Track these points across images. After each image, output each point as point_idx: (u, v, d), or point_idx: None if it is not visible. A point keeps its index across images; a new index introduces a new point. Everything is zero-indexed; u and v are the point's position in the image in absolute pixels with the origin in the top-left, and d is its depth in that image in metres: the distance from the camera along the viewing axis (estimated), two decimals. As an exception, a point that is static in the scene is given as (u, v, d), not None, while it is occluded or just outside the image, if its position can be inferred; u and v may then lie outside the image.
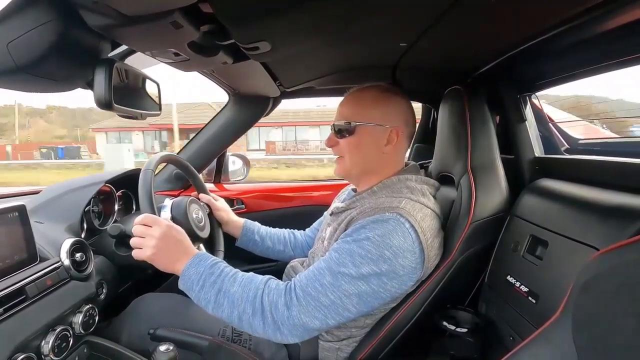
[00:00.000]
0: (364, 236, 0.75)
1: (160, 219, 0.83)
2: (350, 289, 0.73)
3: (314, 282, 0.74)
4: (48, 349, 0.73)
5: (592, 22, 0.67)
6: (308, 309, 0.73)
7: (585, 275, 0.44)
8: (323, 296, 0.73)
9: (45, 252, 0.84)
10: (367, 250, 0.73)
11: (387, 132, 0.88)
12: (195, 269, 0.79)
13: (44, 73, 0.63)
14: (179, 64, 0.81)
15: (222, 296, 0.76)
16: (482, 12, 0.66)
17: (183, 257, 0.81)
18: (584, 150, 1.14)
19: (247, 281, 0.77)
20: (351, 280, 0.73)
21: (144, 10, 0.55)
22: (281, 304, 0.73)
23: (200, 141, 1.52)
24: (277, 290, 0.76)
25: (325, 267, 0.75)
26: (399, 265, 0.75)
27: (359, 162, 0.91)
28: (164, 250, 0.80)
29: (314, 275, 0.76)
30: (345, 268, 0.73)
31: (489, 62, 0.97)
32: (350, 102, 0.92)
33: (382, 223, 0.76)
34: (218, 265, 0.81)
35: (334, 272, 0.74)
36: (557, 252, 0.72)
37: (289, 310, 0.73)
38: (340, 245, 0.77)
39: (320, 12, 0.64)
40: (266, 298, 0.74)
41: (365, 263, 0.73)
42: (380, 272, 0.73)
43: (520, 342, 0.51)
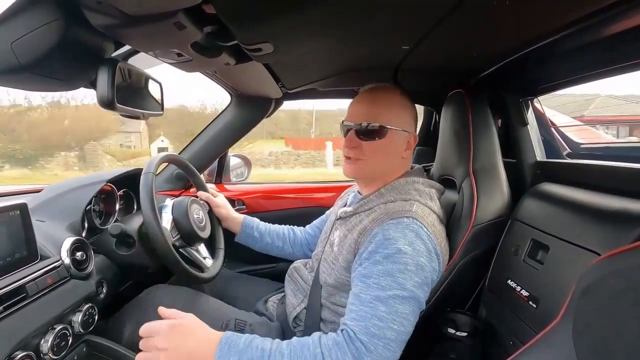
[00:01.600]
0: (395, 249, 0.71)
1: (157, 324, 0.69)
2: (405, 309, 0.69)
3: (372, 320, 0.67)
4: (47, 348, 0.73)
5: (594, 27, 0.67)
6: (378, 351, 0.65)
7: (586, 280, 0.44)
8: (387, 330, 0.66)
9: (45, 251, 0.84)
10: (404, 264, 0.70)
11: (408, 138, 0.88)
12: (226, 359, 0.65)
13: (48, 72, 0.64)
14: (181, 64, 0.81)
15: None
16: (484, 15, 0.66)
17: (207, 350, 0.66)
18: (586, 155, 1.14)
19: (297, 350, 0.66)
20: (403, 300, 0.69)
21: (147, 11, 0.56)
22: (349, 359, 0.64)
23: (202, 142, 1.52)
24: (337, 346, 0.66)
25: (373, 297, 0.69)
26: (432, 270, 0.74)
27: (380, 166, 0.88)
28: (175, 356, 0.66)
29: (366, 312, 0.68)
30: (392, 290, 0.69)
31: (491, 66, 0.97)
32: (377, 102, 0.87)
33: (404, 230, 0.74)
34: (253, 344, 0.67)
35: (384, 300, 0.68)
36: (558, 256, 0.71)
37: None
38: (373, 269, 0.71)
39: (323, 15, 0.65)
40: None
41: (408, 277, 0.70)
42: (421, 281, 0.72)
43: (520, 347, 0.51)
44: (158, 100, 0.92)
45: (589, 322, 0.42)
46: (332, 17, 0.66)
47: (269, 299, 1.09)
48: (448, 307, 0.87)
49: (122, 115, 0.82)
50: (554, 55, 0.86)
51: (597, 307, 0.42)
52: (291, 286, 1.02)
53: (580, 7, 0.61)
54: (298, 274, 1.02)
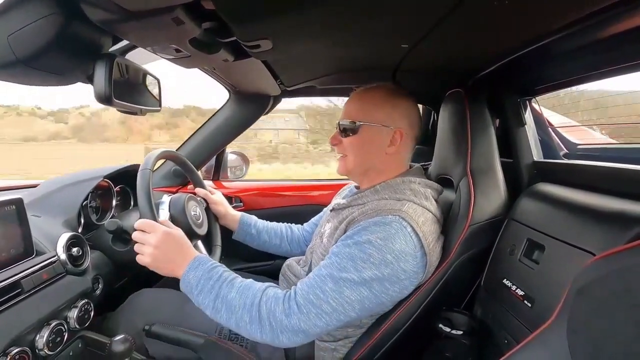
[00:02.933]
0: (365, 239, 0.74)
1: (157, 225, 0.83)
2: (352, 295, 0.72)
3: (315, 289, 0.73)
4: (42, 344, 0.73)
5: (594, 28, 0.67)
6: (309, 316, 0.72)
7: (581, 280, 0.44)
8: (325, 303, 0.72)
9: (41, 246, 0.83)
10: (369, 254, 0.73)
11: (391, 133, 0.88)
12: (193, 273, 0.79)
13: (44, 66, 0.63)
14: (180, 60, 0.80)
15: (220, 302, 0.75)
16: (483, 15, 0.66)
17: (182, 261, 0.80)
18: (583, 156, 1.14)
19: (244, 288, 0.76)
20: (353, 285, 0.72)
21: (145, 6, 0.55)
22: (279, 312, 0.72)
23: (200, 138, 1.52)
24: (275, 298, 0.75)
25: (327, 273, 0.74)
26: (400, 270, 0.74)
27: (361, 162, 0.91)
28: (161, 256, 0.81)
29: (315, 282, 0.74)
30: (347, 273, 0.72)
31: (490, 65, 0.97)
32: (356, 101, 0.92)
33: (384, 226, 0.75)
34: (216, 269, 0.80)
35: (336, 278, 0.73)
36: (553, 256, 0.72)
37: (288, 318, 0.72)
38: (341, 249, 0.76)
39: (323, 13, 0.64)
40: (264, 306, 0.73)
41: (367, 267, 0.72)
42: (382, 276, 0.73)
43: (515, 346, 0.51)
44: (156, 96, 0.92)
45: (583, 322, 0.42)
46: (331, 15, 0.66)
47: None
48: (443, 306, 0.87)
49: (119, 111, 0.82)
50: (552, 55, 0.86)
51: (591, 307, 0.42)
52: (285, 284, 1.02)
53: (580, 8, 0.61)
54: (291, 272, 1.02)
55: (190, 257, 0.81)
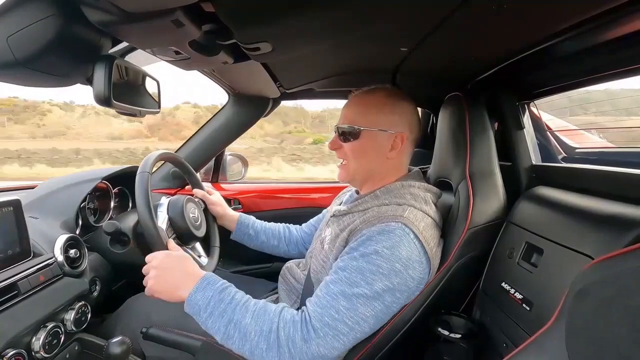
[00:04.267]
0: (372, 249, 0.73)
1: (159, 253, 0.81)
2: (366, 311, 0.71)
3: (329, 310, 0.70)
4: (39, 346, 0.73)
5: (593, 32, 0.67)
6: (326, 339, 0.69)
7: (579, 283, 0.44)
8: (340, 324, 0.69)
9: (39, 248, 0.83)
10: (378, 266, 0.71)
11: (392, 138, 0.87)
12: (202, 293, 0.73)
13: (44, 68, 0.63)
14: (179, 62, 0.80)
15: (233, 327, 0.71)
16: (482, 19, 0.66)
17: (187, 281, 0.75)
18: (581, 159, 1.15)
19: (260, 312, 0.72)
20: (367, 301, 0.70)
21: (145, 8, 0.55)
22: (299, 339, 0.69)
23: (199, 140, 1.52)
24: (293, 323, 0.71)
25: (338, 291, 0.71)
26: (409, 277, 0.74)
27: (362, 167, 0.90)
28: (163, 278, 0.76)
29: (327, 302, 0.71)
30: (359, 288, 0.70)
31: (489, 69, 0.97)
32: (356, 105, 0.90)
33: (389, 234, 0.74)
34: (228, 290, 0.75)
35: (348, 296, 0.70)
36: (552, 259, 0.72)
37: (307, 344, 0.69)
38: (348, 263, 0.74)
39: (322, 16, 0.65)
40: (282, 332, 0.69)
41: (378, 279, 0.71)
42: (393, 286, 0.72)
43: (513, 349, 0.51)
44: (155, 98, 0.92)
45: (581, 325, 0.42)
46: (331, 19, 0.66)
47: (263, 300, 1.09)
48: (442, 309, 0.87)
49: (118, 112, 0.82)
50: (551, 59, 0.87)
51: (589, 311, 0.42)
52: (284, 287, 1.02)
53: (579, 12, 0.61)
54: (290, 275, 1.01)
55: (197, 276, 0.76)
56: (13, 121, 18.34)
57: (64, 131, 16.78)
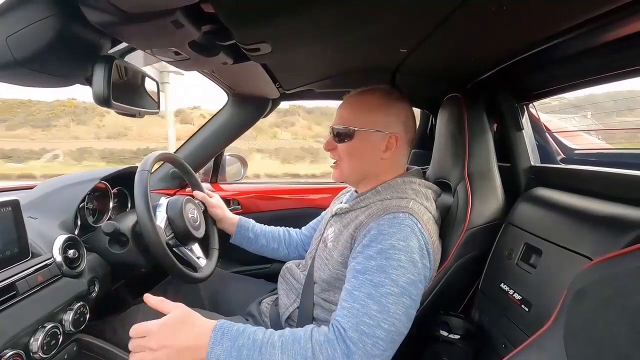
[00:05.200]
0: (388, 244, 0.71)
1: (151, 325, 0.67)
2: (398, 310, 0.68)
3: (362, 318, 0.67)
4: (37, 347, 0.73)
5: (592, 33, 0.68)
6: (366, 349, 0.65)
7: (578, 284, 0.45)
8: (377, 329, 0.66)
9: (37, 248, 0.83)
10: (397, 260, 0.70)
11: (386, 138, 0.87)
12: (219, 347, 0.65)
13: (43, 68, 0.63)
14: (179, 62, 0.80)
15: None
16: (482, 20, 0.67)
17: (201, 339, 0.66)
18: (580, 161, 1.15)
19: (289, 344, 0.66)
20: (396, 298, 0.68)
21: (145, 9, 0.55)
22: (339, 356, 0.64)
23: (198, 141, 1.52)
24: (328, 343, 0.66)
25: (365, 295, 0.68)
26: (425, 267, 0.74)
27: (356, 168, 0.90)
28: (170, 353, 0.65)
29: (357, 310, 0.68)
30: (385, 287, 0.68)
31: (488, 70, 0.97)
32: (350, 106, 0.91)
33: (399, 225, 0.74)
34: (246, 333, 0.67)
35: (376, 298, 0.68)
36: (550, 260, 0.72)
37: (349, 358, 0.64)
38: (366, 265, 0.71)
39: (322, 17, 0.65)
40: (320, 356, 0.64)
41: (402, 274, 0.70)
42: (414, 278, 0.71)
43: (512, 350, 0.51)
44: (154, 99, 0.92)
45: (580, 326, 0.42)
46: (330, 19, 0.66)
47: (263, 301, 1.09)
48: (441, 310, 0.87)
49: (117, 113, 0.82)
50: (550, 60, 0.87)
51: (588, 311, 0.42)
52: (284, 287, 1.02)
53: (578, 14, 0.61)
54: (290, 274, 1.01)
55: (208, 329, 0.67)
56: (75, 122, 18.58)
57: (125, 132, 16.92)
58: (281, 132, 16.85)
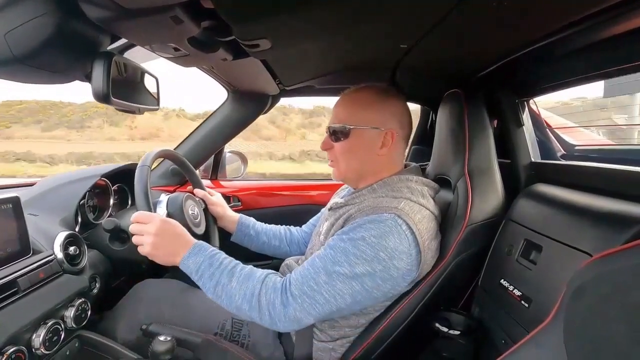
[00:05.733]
0: (360, 236, 0.75)
1: (154, 215, 0.84)
2: (344, 288, 0.74)
3: (309, 281, 0.76)
4: (39, 343, 0.73)
5: (593, 29, 0.67)
6: (303, 306, 0.75)
7: (577, 281, 0.45)
8: (318, 294, 0.74)
9: (38, 245, 0.83)
10: (362, 251, 0.74)
11: (382, 135, 0.87)
12: (194, 258, 0.81)
13: (42, 64, 0.63)
14: (178, 59, 0.80)
15: (220, 289, 0.78)
16: (483, 16, 0.66)
17: (182, 249, 0.82)
18: (580, 157, 1.15)
19: (245, 277, 0.79)
20: (345, 279, 0.74)
21: (144, 4, 0.55)
22: (278, 303, 0.75)
23: (198, 137, 1.51)
24: (274, 289, 0.77)
25: (321, 265, 0.76)
26: (393, 267, 0.75)
27: (354, 166, 0.90)
28: (161, 243, 0.82)
29: (309, 273, 0.77)
30: (340, 267, 0.74)
31: (488, 66, 0.97)
32: (345, 104, 0.91)
33: (379, 224, 0.76)
34: (217, 256, 0.82)
35: (329, 271, 0.75)
36: (551, 257, 0.72)
37: (285, 308, 0.75)
38: (336, 243, 0.78)
39: (322, 13, 0.64)
40: (263, 297, 0.76)
41: (360, 263, 0.74)
42: (374, 272, 0.74)
43: (512, 346, 0.51)
44: (154, 95, 0.91)
45: (579, 322, 0.42)
46: (330, 15, 0.66)
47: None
48: (441, 306, 0.88)
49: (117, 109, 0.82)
50: (551, 56, 0.87)
51: (587, 308, 0.42)
52: None
53: (579, 9, 0.61)
54: (289, 271, 1.01)
55: (190, 243, 0.83)
56: (108, 123, 18.77)
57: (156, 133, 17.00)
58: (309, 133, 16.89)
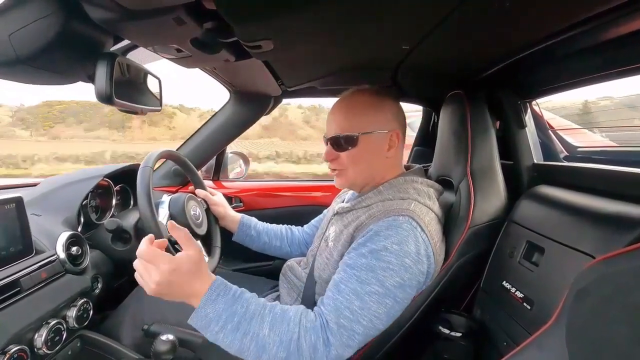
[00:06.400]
0: (381, 246, 0.72)
1: (159, 255, 0.68)
2: (379, 309, 0.70)
3: (343, 311, 0.70)
4: (41, 342, 0.73)
5: (595, 30, 0.67)
6: (342, 340, 0.68)
7: (580, 283, 0.44)
8: (355, 324, 0.69)
9: (41, 245, 0.83)
10: (388, 262, 0.71)
11: (388, 137, 0.86)
12: (212, 307, 0.67)
13: (45, 65, 0.63)
14: (180, 60, 0.80)
15: (249, 340, 0.66)
16: (484, 17, 0.66)
17: (196, 290, 0.68)
18: (583, 158, 1.15)
19: (278, 321, 0.68)
20: (379, 299, 0.70)
21: (147, 6, 0.55)
22: (320, 344, 0.68)
23: (200, 138, 1.52)
24: (314, 330, 0.69)
25: (350, 290, 0.71)
26: (419, 272, 0.74)
27: (363, 173, 0.88)
28: (168, 289, 0.68)
29: (340, 303, 0.70)
30: (371, 286, 0.70)
31: (491, 67, 0.97)
32: (345, 111, 0.88)
33: (397, 229, 0.74)
34: (241, 300, 0.69)
35: (361, 295, 0.70)
36: (553, 259, 0.72)
37: (327, 348, 0.68)
38: (357, 261, 0.73)
39: (324, 14, 0.64)
40: (304, 342, 0.67)
41: (389, 276, 0.71)
42: (403, 282, 0.72)
43: (514, 348, 0.51)
44: (157, 96, 0.92)
45: (582, 325, 0.42)
46: (332, 17, 0.66)
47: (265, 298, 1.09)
48: (443, 307, 0.87)
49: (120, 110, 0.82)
50: (553, 58, 0.86)
51: (590, 310, 0.42)
52: (285, 285, 1.02)
53: (582, 10, 0.61)
54: (292, 273, 1.02)
55: (205, 284, 0.69)
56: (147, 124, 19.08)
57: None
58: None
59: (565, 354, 0.42)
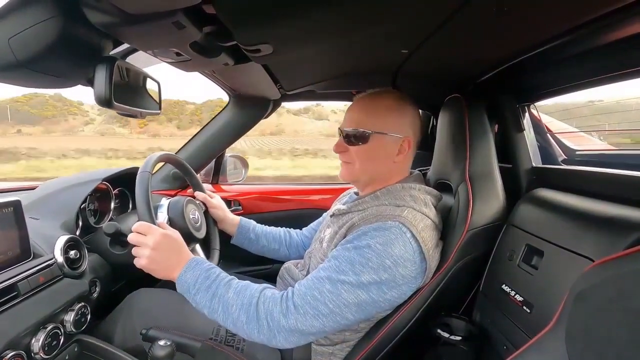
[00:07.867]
0: (365, 243, 0.74)
1: (154, 227, 0.83)
2: (349, 297, 0.72)
3: (312, 291, 0.74)
4: (38, 347, 0.73)
5: (593, 34, 0.68)
6: (306, 317, 0.72)
7: (579, 286, 0.44)
8: (322, 305, 0.72)
9: (39, 249, 0.83)
10: (368, 259, 0.73)
11: (400, 142, 0.87)
12: (191, 272, 0.80)
13: (45, 69, 0.63)
14: (180, 63, 0.81)
15: (217, 302, 0.76)
16: (483, 21, 0.66)
17: (179, 263, 0.81)
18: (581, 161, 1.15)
19: (242, 288, 0.77)
20: (351, 288, 0.72)
21: (146, 10, 0.55)
22: (277, 312, 0.73)
23: (199, 141, 1.52)
24: (272, 298, 0.75)
25: (325, 275, 0.75)
26: (398, 275, 0.74)
27: (369, 171, 0.90)
28: (158, 258, 0.81)
29: (313, 283, 0.75)
30: (345, 276, 0.73)
31: (489, 71, 0.97)
32: (364, 108, 0.89)
33: (384, 231, 0.75)
34: (213, 270, 0.81)
35: (334, 280, 0.73)
36: (552, 262, 0.72)
37: (286, 318, 0.72)
38: (340, 253, 0.76)
39: (324, 18, 0.65)
40: (262, 306, 0.74)
41: (366, 272, 0.72)
42: (380, 280, 0.73)
43: (514, 351, 0.51)
44: (156, 99, 0.92)
45: (581, 328, 0.42)
46: (332, 21, 0.66)
47: None
48: (442, 311, 0.87)
49: (119, 114, 0.82)
50: (552, 61, 0.87)
51: (589, 313, 0.42)
52: (282, 287, 1.02)
53: (579, 15, 0.61)
54: (289, 275, 1.02)
55: (186, 258, 0.82)
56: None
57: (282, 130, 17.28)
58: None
59: (565, 357, 0.41)
